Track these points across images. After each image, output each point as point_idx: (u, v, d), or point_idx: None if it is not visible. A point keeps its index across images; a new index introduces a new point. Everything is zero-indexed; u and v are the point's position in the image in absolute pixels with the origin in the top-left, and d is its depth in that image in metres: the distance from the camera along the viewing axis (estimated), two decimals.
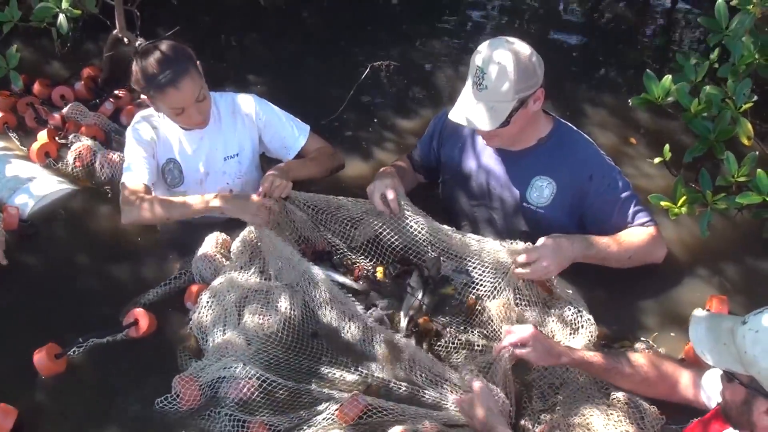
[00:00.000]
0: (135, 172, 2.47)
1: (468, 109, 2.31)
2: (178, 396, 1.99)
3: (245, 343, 2.13)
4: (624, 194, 2.40)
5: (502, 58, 2.22)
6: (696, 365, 2.01)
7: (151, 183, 2.49)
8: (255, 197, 2.33)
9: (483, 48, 2.28)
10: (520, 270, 2.21)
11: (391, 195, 2.40)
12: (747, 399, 1.54)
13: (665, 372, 1.99)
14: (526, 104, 2.29)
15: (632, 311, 2.37)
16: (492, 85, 2.24)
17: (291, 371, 2.11)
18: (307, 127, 2.72)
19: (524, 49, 2.27)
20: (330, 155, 2.74)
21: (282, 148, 2.69)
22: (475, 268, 2.38)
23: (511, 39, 2.29)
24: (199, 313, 2.23)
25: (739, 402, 1.56)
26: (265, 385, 2.01)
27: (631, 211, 2.39)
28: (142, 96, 2.45)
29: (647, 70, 2.54)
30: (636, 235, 2.37)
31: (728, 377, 1.57)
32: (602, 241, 2.32)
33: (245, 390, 2.00)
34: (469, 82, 2.32)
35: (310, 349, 2.18)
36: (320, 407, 1.97)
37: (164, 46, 2.39)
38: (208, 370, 2.06)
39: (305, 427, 1.93)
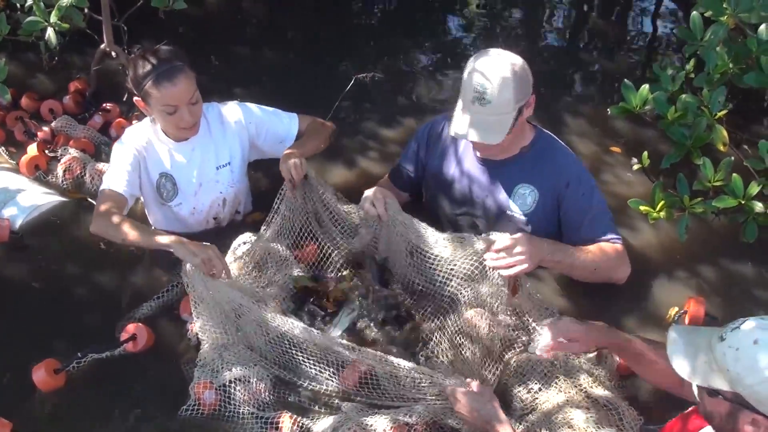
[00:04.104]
0: (113, 182, 2.47)
1: (472, 125, 2.31)
2: (198, 402, 2.02)
3: (249, 345, 2.17)
4: (597, 207, 2.43)
5: (500, 70, 2.25)
6: None
7: (129, 195, 2.48)
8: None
9: (477, 63, 2.29)
10: (495, 261, 2.14)
11: (380, 201, 2.40)
12: (732, 411, 1.53)
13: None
14: (521, 112, 2.34)
15: (611, 314, 2.39)
16: (495, 99, 2.25)
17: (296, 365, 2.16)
18: (294, 114, 2.76)
19: (515, 58, 2.31)
20: (321, 124, 2.81)
21: (278, 143, 2.69)
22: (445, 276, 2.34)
23: (499, 51, 2.32)
24: (198, 322, 2.21)
25: (724, 413, 1.55)
26: (276, 381, 2.09)
27: (601, 225, 2.42)
28: (135, 99, 2.46)
29: (625, 80, 2.59)
30: (603, 248, 2.38)
31: (710, 392, 1.56)
32: (570, 247, 2.34)
33: (261, 389, 2.06)
34: (466, 99, 2.31)
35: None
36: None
37: (162, 47, 2.44)
38: (221, 374, 2.08)
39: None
